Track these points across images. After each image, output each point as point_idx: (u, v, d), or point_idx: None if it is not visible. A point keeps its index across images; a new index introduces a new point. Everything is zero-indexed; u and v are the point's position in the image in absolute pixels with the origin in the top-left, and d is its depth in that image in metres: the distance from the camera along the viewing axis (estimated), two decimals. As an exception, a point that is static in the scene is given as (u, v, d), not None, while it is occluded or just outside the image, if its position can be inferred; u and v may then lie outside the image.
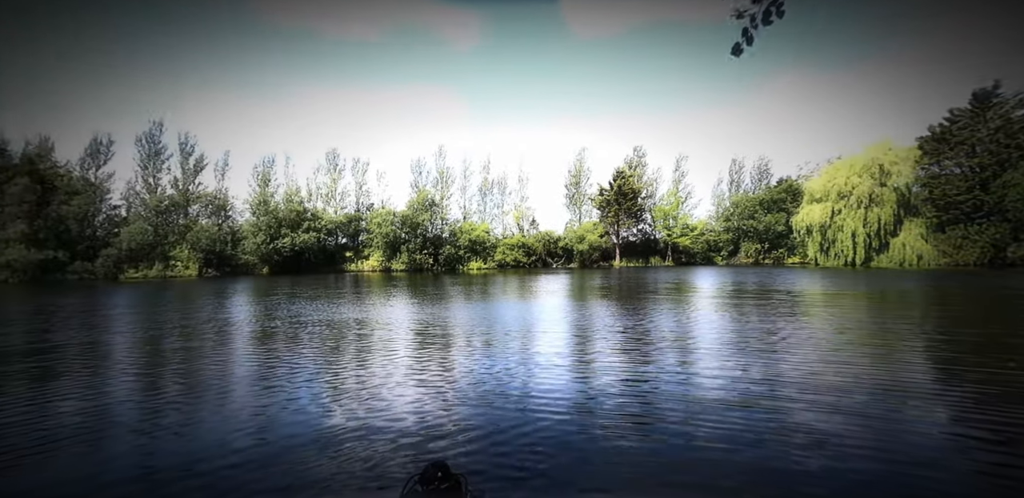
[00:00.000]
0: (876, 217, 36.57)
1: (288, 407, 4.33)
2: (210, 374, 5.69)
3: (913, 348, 6.73)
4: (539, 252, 49.83)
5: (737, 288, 17.78)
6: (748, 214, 52.13)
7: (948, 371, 5.48)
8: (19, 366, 6.33)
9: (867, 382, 4.93)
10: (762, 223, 50.64)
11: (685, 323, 9.21)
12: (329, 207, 49.10)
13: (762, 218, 50.89)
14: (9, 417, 4.18)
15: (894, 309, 11.60)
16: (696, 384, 4.92)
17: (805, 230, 40.85)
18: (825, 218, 38.87)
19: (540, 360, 6.11)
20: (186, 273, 36.50)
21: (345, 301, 14.58)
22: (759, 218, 51.07)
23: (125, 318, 11.40)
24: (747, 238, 52.39)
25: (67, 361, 6.52)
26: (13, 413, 4.28)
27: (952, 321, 9.37)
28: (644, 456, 3.22)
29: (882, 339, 7.34)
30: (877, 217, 36.54)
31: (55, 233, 34.15)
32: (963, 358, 5.99)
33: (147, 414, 4.22)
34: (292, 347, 7.27)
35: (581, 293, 16.99)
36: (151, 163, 42.53)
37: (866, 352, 6.46)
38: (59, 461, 3.22)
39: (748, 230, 51.89)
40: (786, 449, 3.28)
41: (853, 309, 11.44)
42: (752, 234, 51.75)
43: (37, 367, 6.25)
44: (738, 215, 53.00)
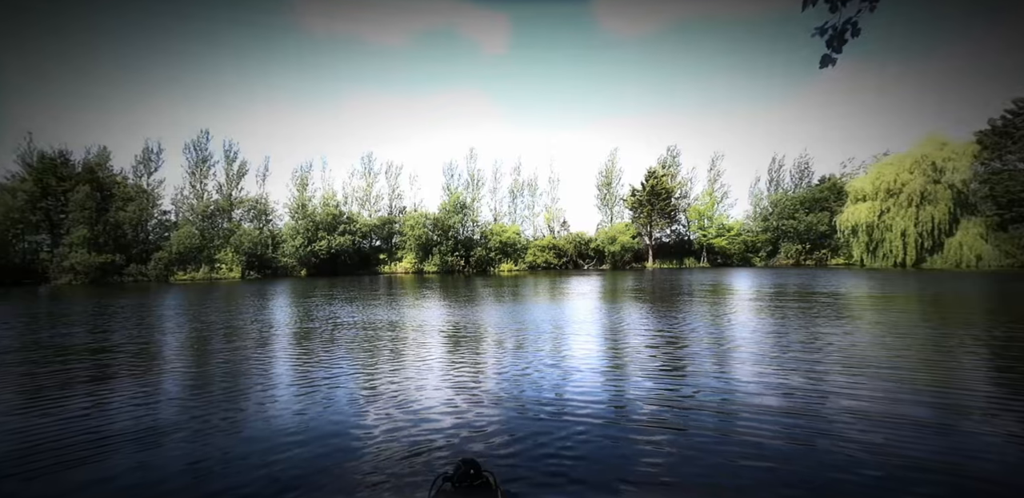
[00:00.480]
0: (929, 216, 34.56)
1: (325, 406, 4.45)
2: (254, 373, 5.91)
3: (973, 356, 6.30)
4: (570, 253, 49.53)
5: (777, 290, 17.13)
6: (788, 214, 50.24)
7: (1013, 382, 5.10)
8: (83, 364, 6.75)
9: (921, 392, 4.65)
10: (803, 223, 48.68)
11: (722, 327, 8.94)
12: (364, 210, 50.37)
13: (803, 218, 48.93)
14: (70, 413, 4.46)
15: (951, 313, 10.90)
16: (733, 391, 4.76)
17: (850, 230, 39.01)
18: (872, 217, 37.02)
19: (572, 362, 6.06)
20: (230, 275, 38.15)
21: (380, 302, 14.89)
22: (800, 218, 49.12)
23: (178, 318, 12.01)
24: (787, 239, 50.47)
25: (125, 359, 6.91)
26: (75, 408, 4.58)
27: (1019, 327, 8.73)
28: (677, 462, 3.14)
29: (937, 346, 6.91)
30: (930, 216, 34.53)
31: (113, 237, 36.36)
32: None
33: (195, 412, 4.42)
34: (330, 347, 7.47)
35: (613, 295, 16.76)
36: (198, 170, 44.77)
37: (919, 360, 6.10)
38: (114, 456, 3.41)
39: (788, 230, 49.99)
40: (828, 460, 3.13)
41: (904, 313, 10.83)
42: (792, 234, 49.81)
43: (99, 365, 6.65)
44: (777, 215, 51.16)
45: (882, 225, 36.84)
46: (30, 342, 8.52)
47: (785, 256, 50.24)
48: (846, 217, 39.27)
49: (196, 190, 44.32)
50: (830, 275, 26.96)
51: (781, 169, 57.67)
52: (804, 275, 27.60)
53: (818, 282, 21.02)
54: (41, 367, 6.43)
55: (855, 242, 39.24)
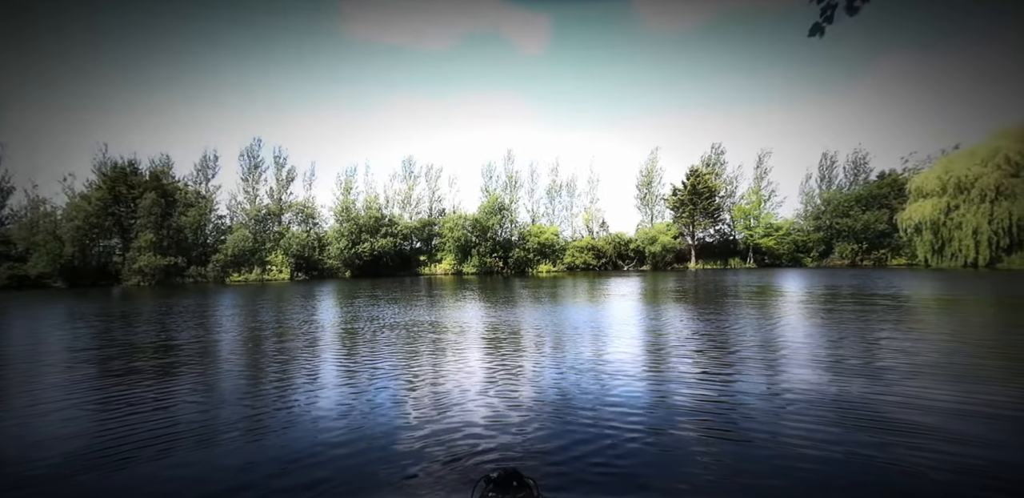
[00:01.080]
0: (1006, 212, 31.80)
1: (370, 406, 4.56)
2: (303, 373, 6.15)
3: None
4: (609, 254, 48.82)
5: (831, 292, 16.20)
6: (843, 212, 47.51)
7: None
8: (150, 362, 7.24)
9: (996, 406, 4.26)
10: (860, 221, 45.89)
11: (770, 331, 8.54)
12: (405, 213, 51.52)
13: (859, 216, 46.13)
14: (135, 408, 4.78)
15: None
16: (783, 399, 4.53)
17: (913, 228, 36.44)
18: (938, 214, 34.45)
19: (613, 366, 5.95)
20: (280, 277, 39.95)
21: (421, 303, 15.18)
22: (856, 216, 46.35)
23: (236, 318, 12.69)
24: (841, 238, 47.72)
25: (186, 357, 7.36)
26: (141, 403, 4.91)
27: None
28: (724, 473, 3.01)
29: (1015, 353, 6.33)
30: (1007, 212, 31.76)
31: (175, 241, 38.86)
32: None
33: (249, 410, 4.64)
34: (375, 347, 7.67)
35: (654, 296, 16.36)
36: (250, 176, 47.20)
37: (998, 370, 5.60)
38: (171, 451, 3.62)
39: (843, 229, 47.26)
40: (882, 475, 2.92)
41: (977, 317, 9.99)
42: (847, 233, 47.05)
43: (163, 362, 7.11)
44: (831, 213, 48.46)
45: (950, 223, 34.20)
46: (107, 340, 9.22)
47: (840, 256, 47.53)
48: (909, 214, 36.71)
49: (249, 195, 46.77)
50: (891, 276, 25.27)
51: (834, 165, 54.70)
52: (861, 276, 26.00)
53: (877, 283, 19.74)
54: (114, 363, 6.94)
55: (919, 241, 36.61)
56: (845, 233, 47.32)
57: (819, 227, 49.33)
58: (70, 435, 3.98)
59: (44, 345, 8.78)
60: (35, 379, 6.05)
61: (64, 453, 3.57)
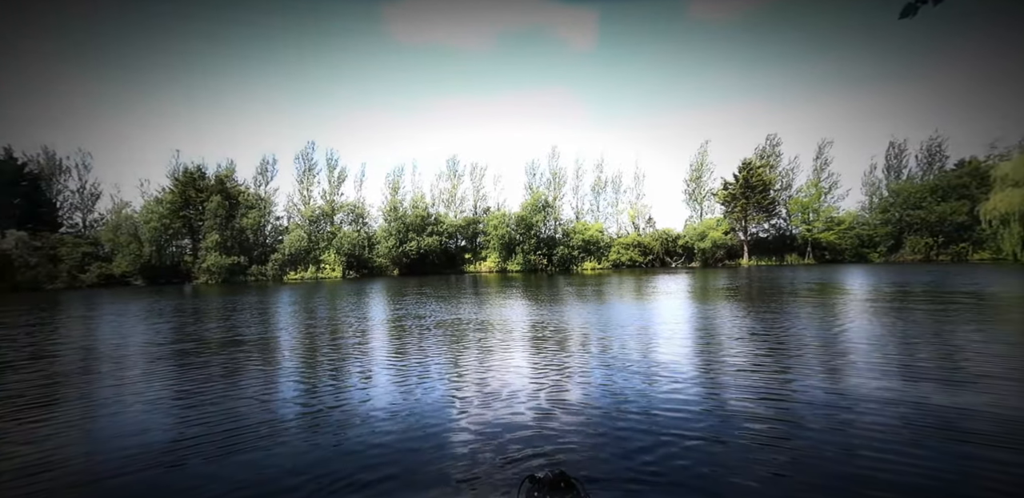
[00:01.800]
0: (1111, 200, 28.31)
1: (418, 406, 4.68)
2: (358, 369, 6.40)
3: None
4: (656, 251, 47.63)
5: (901, 290, 15.00)
6: (915, 203, 43.97)
7: None
8: (219, 356, 7.78)
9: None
10: (934, 213, 42.32)
11: (832, 331, 8.02)
12: (450, 211, 52.41)
13: (934, 207, 42.54)
14: (203, 403, 5.14)
15: None
16: (844, 406, 4.24)
17: (999, 220, 33.05)
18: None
19: (662, 367, 5.80)
20: (332, 275, 41.72)
21: (468, 301, 15.41)
22: (930, 207, 42.77)
23: (296, 316, 13.42)
24: (913, 231, 44.17)
25: (250, 354, 7.85)
26: (209, 394, 5.27)
27: None
28: (777, 481, 2.86)
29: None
30: (1112, 200, 28.26)
31: (238, 241, 41.44)
32: None
33: (304, 408, 4.89)
34: (425, 345, 7.87)
35: (704, 294, 15.78)
36: (305, 178, 49.52)
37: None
38: (234, 448, 3.86)
39: (915, 222, 43.73)
40: (955, 487, 2.67)
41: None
42: (920, 226, 43.49)
43: (229, 357, 7.62)
44: (901, 205, 44.95)
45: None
46: (182, 335, 9.98)
47: (911, 251, 44.04)
48: (994, 204, 33.31)
49: (303, 196, 49.10)
50: (973, 272, 23.12)
51: (903, 154, 50.74)
52: (938, 272, 23.94)
53: (956, 280, 18.12)
54: (188, 358, 7.50)
55: (1006, 234, 33.18)
56: (917, 226, 43.78)
57: (887, 220, 45.90)
58: (142, 428, 4.33)
59: (129, 340, 9.61)
60: (119, 373, 6.64)
61: (134, 445, 3.89)
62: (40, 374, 6.45)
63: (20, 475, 3.26)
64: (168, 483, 3.11)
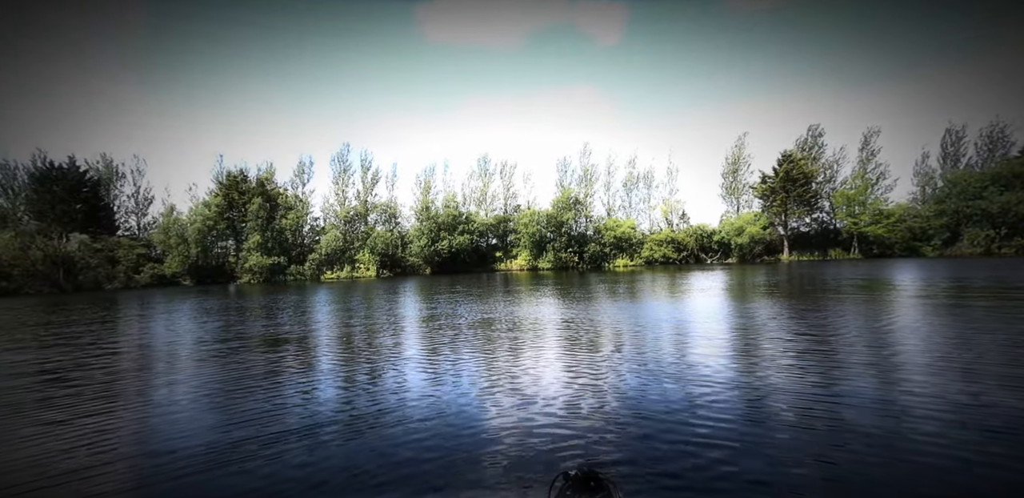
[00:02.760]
0: None
1: (451, 402, 4.74)
2: (392, 368, 6.54)
3: None
4: (690, 247, 46.51)
5: (959, 285, 14.06)
6: (974, 193, 41.17)
7: None
8: (261, 355, 8.09)
9: None
10: (997, 203, 39.50)
11: (880, 331, 7.60)
12: (480, 210, 52.72)
13: (996, 197, 39.71)
14: (247, 400, 5.35)
15: None
16: (891, 410, 4.01)
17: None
18: (1105, 192, 28.64)
19: (697, 367, 5.65)
20: (367, 274, 42.72)
21: (499, 299, 15.48)
22: (992, 197, 39.96)
23: (335, 314, 13.84)
24: (972, 223, 41.36)
25: (290, 352, 8.14)
26: (251, 391, 5.49)
27: None
28: (814, 486, 2.73)
29: None
30: None
31: (278, 242, 42.99)
32: None
33: (341, 405, 5.02)
34: (457, 344, 7.96)
35: (741, 292, 15.27)
36: (340, 179, 50.87)
37: None
38: (273, 445, 3.99)
39: (974, 213, 40.94)
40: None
41: None
42: (980, 218, 40.68)
43: (273, 356, 7.91)
44: (957, 195, 42.19)
45: (1122, 202, 28.31)
46: (228, 333, 10.45)
47: (970, 244, 41.26)
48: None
49: (339, 197, 50.45)
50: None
51: (961, 141, 47.63)
52: (1001, 266, 22.32)
53: (1018, 275, 16.85)
54: (233, 356, 7.85)
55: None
56: (977, 217, 40.99)
57: (942, 211, 43.16)
58: (193, 427, 4.56)
59: (182, 338, 10.14)
60: (171, 372, 7.01)
61: (185, 445, 4.10)
62: (102, 371, 6.88)
63: (74, 478, 3.41)
64: (212, 481, 3.26)
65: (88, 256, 36.13)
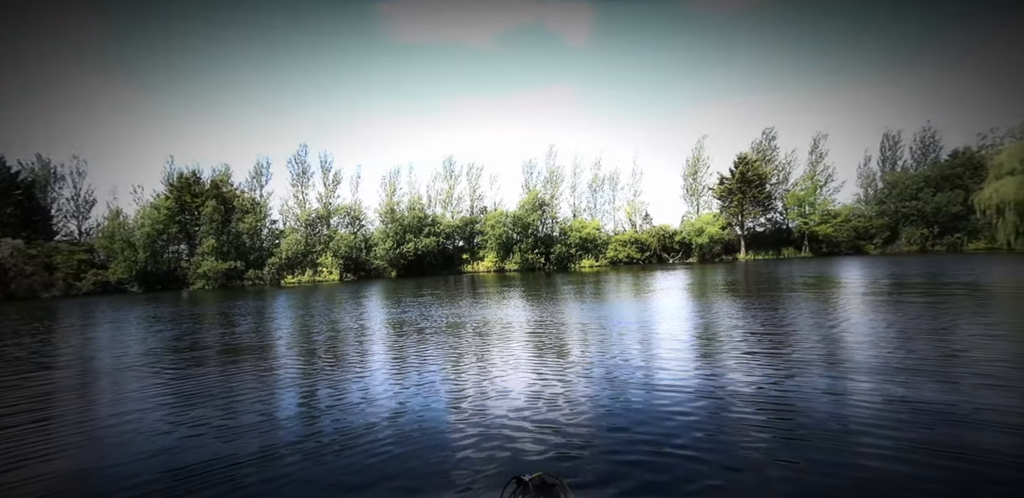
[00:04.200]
0: (1104, 188, 28.46)
1: (408, 408, 4.66)
2: (353, 373, 6.38)
3: None
4: (653, 247, 47.66)
5: (898, 281, 15.03)
6: (910, 194, 44.06)
7: None
8: (213, 364, 7.73)
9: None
10: (930, 204, 42.42)
11: (829, 327, 8.01)
12: (447, 212, 52.33)
13: (929, 198, 42.64)
14: (200, 406, 5.10)
15: None
16: (840, 405, 4.23)
17: (994, 210, 33.20)
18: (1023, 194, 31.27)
19: (655, 367, 5.78)
20: (330, 278, 41.64)
21: (465, 302, 15.39)
22: (925, 198, 42.87)
23: (294, 320, 13.36)
24: (909, 222, 44.26)
25: (248, 360, 7.82)
26: (204, 397, 5.24)
27: None
28: (764, 481, 2.85)
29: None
30: (1106, 188, 28.41)
31: (234, 246, 41.30)
32: None
33: (303, 412, 4.85)
34: (421, 347, 7.85)
35: (701, 290, 15.79)
36: (300, 181, 49.36)
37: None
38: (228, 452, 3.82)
39: (910, 213, 43.81)
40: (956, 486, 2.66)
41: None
42: (916, 217, 43.58)
43: (228, 364, 7.57)
44: (896, 196, 45.05)
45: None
46: (181, 342, 9.93)
47: (908, 242, 44.14)
48: (988, 194, 33.46)
49: (299, 200, 48.93)
50: (969, 262, 23.18)
51: (897, 145, 50.98)
52: (934, 263, 24.01)
53: (953, 270, 18.16)
54: (185, 367, 7.46)
55: (1001, 223, 33.33)
56: (913, 217, 43.89)
57: (883, 212, 45.99)
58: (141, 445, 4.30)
59: (127, 349, 9.56)
60: (116, 386, 6.60)
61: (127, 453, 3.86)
62: (37, 390, 6.40)
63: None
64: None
65: (22, 263, 33.64)
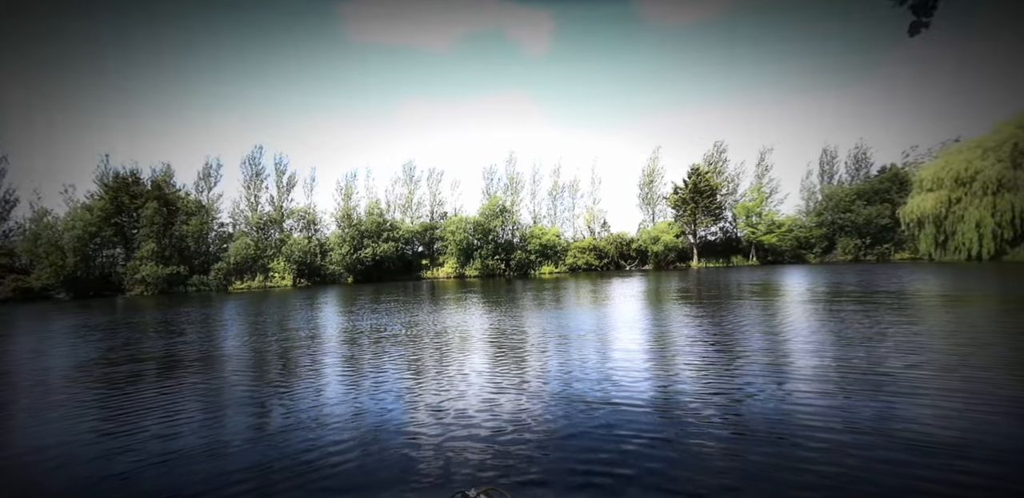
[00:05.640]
0: (1008, 205, 31.67)
1: (358, 421, 4.55)
2: (301, 385, 6.14)
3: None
4: (611, 254, 48.77)
5: (834, 290, 16.12)
6: (845, 207, 47.41)
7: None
8: (152, 377, 7.25)
9: (1003, 406, 4.22)
10: (862, 216, 45.78)
11: (773, 335, 8.49)
12: (406, 217, 51.58)
13: (861, 211, 46.02)
14: (140, 421, 4.78)
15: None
16: (784, 411, 4.48)
17: (916, 222, 36.32)
18: (941, 208, 34.35)
19: (606, 378, 5.90)
20: (282, 283, 40.02)
21: (424, 310, 15.17)
22: (858, 211, 46.23)
23: (239, 328, 12.71)
24: (844, 233, 47.58)
25: (190, 371, 7.37)
26: (146, 412, 4.90)
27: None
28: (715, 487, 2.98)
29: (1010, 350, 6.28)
30: (1010, 205, 31.63)
31: (177, 250, 39.00)
32: None
33: (236, 425, 4.63)
34: (375, 355, 7.66)
35: (656, 298, 16.31)
36: (252, 183, 47.30)
37: (1000, 371, 5.55)
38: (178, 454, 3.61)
39: (845, 224, 47.14)
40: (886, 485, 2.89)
41: (984, 316, 9.92)
42: (850, 228, 46.92)
43: (168, 376, 7.12)
44: (833, 208, 48.35)
45: (953, 216, 34.08)
46: (113, 354, 9.23)
47: (843, 252, 47.40)
48: (911, 208, 36.60)
49: (251, 203, 46.87)
50: (894, 271, 25.13)
51: (835, 160, 54.67)
52: (865, 272, 25.87)
53: (880, 279, 19.64)
54: (116, 382, 6.94)
55: (922, 235, 36.50)
56: (848, 228, 47.17)
57: (821, 223, 49.19)
58: (72, 453, 3.97)
59: (49, 361, 8.80)
60: (37, 398, 6.06)
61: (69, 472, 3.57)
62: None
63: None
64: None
65: (-72, 267, 30.37)
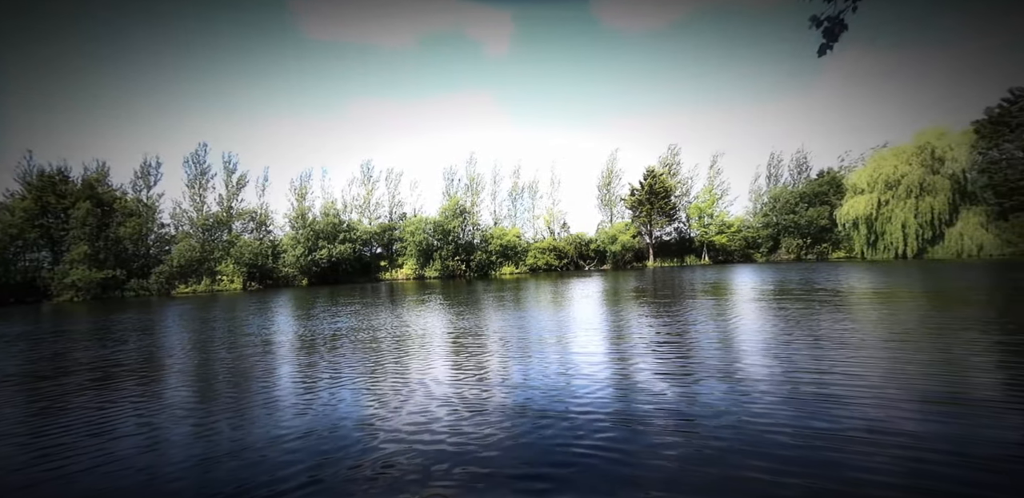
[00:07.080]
0: (929, 206, 34.56)
1: (308, 427, 4.41)
2: (258, 389, 5.88)
3: (973, 355, 6.25)
4: (571, 255, 49.49)
5: (778, 288, 17.07)
6: (788, 209, 50.20)
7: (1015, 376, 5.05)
8: (86, 390, 6.73)
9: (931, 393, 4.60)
10: (804, 217, 48.62)
11: (724, 332, 8.90)
12: (364, 218, 50.34)
13: (803, 212, 48.87)
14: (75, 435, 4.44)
15: (958, 306, 10.81)
16: (737, 408, 4.71)
17: (851, 223, 39.01)
18: (871, 210, 37.03)
19: (566, 385, 5.99)
20: (232, 287, 38.15)
21: (381, 312, 14.86)
22: (800, 212, 49.07)
23: (181, 334, 12.01)
24: (788, 234, 50.38)
25: (130, 378, 6.90)
26: (81, 425, 4.55)
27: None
28: (670, 482, 3.10)
29: (945, 347, 6.86)
30: (930, 206, 34.53)
31: (114, 253, 36.39)
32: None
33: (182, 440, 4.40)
34: (329, 361, 7.44)
35: (614, 297, 16.72)
36: (197, 183, 44.79)
37: (923, 358, 6.05)
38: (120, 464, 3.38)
39: (789, 225, 49.93)
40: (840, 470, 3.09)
41: (914, 310, 10.78)
42: (793, 229, 49.74)
43: (104, 387, 6.63)
44: (778, 210, 51.11)
45: (882, 217, 36.83)
46: (42, 366, 8.50)
47: (786, 251, 50.15)
48: (846, 210, 39.25)
49: (195, 203, 44.33)
50: (831, 269, 26.87)
51: (780, 164, 57.72)
52: (805, 270, 27.51)
53: (819, 277, 20.94)
54: (43, 392, 6.41)
55: (856, 235, 39.25)
56: (791, 229, 49.97)
57: (767, 224, 51.86)
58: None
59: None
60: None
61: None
62: None
63: None
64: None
65: None
